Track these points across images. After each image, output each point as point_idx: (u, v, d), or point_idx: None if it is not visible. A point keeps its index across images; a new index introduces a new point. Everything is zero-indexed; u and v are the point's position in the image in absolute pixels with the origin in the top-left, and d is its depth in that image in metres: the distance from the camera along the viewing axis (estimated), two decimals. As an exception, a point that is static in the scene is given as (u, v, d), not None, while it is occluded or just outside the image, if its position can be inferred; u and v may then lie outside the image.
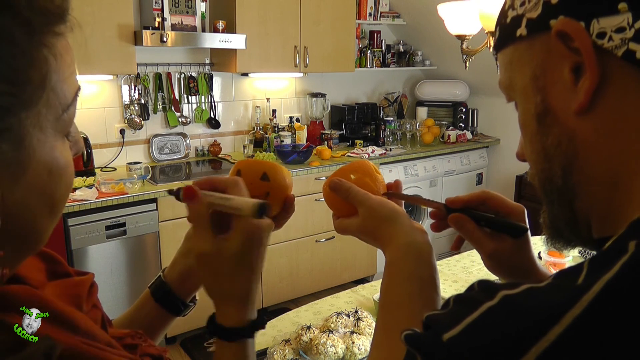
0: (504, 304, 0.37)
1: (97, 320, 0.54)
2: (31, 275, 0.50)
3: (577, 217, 0.46)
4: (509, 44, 0.48)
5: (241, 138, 3.85)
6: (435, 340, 0.38)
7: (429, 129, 4.25)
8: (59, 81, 0.40)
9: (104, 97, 3.31)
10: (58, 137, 0.42)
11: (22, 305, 0.42)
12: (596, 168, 0.42)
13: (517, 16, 0.46)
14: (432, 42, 4.36)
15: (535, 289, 0.37)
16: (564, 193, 0.45)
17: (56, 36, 0.40)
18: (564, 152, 0.44)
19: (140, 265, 2.94)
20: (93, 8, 2.83)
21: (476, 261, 2.06)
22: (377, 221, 0.66)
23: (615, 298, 0.33)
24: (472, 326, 0.37)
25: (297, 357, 1.35)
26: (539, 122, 0.45)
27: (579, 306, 0.33)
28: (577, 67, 0.41)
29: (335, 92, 4.32)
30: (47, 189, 0.41)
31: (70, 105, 0.42)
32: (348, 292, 1.82)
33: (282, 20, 3.53)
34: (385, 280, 0.63)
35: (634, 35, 0.38)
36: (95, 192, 2.75)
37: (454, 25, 2.12)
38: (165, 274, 0.74)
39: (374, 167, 0.75)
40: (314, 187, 3.50)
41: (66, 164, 0.43)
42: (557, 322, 0.33)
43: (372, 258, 3.94)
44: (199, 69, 3.60)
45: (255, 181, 0.71)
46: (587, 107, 0.41)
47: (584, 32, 0.40)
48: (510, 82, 0.49)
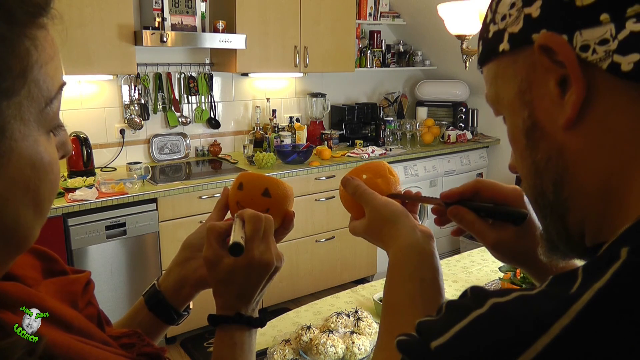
0: (492, 312, 0.36)
1: (92, 318, 0.54)
2: (26, 273, 0.49)
3: (570, 230, 0.45)
4: (492, 58, 0.47)
5: (241, 138, 3.85)
6: (423, 347, 0.38)
7: (429, 129, 4.25)
8: (41, 74, 0.40)
9: (104, 97, 3.31)
10: (42, 131, 0.41)
11: (13, 302, 0.42)
12: (587, 181, 0.42)
13: (498, 31, 0.46)
14: (432, 42, 4.36)
15: (525, 297, 0.36)
16: (556, 208, 0.45)
17: (39, 28, 0.40)
18: (554, 167, 0.43)
19: (140, 265, 2.94)
20: (93, 8, 2.83)
21: (476, 261, 2.06)
22: (380, 222, 0.67)
23: (605, 309, 0.33)
24: (460, 334, 0.37)
25: (297, 357, 1.35)
26: (528, 137, 0.45)
27: (567, 316, 0.33)
28: (563, 80, 0.41)
29: (335, 92, 4.32)
30: (31, 184, 0.40)
31: (54, 98, 0.41)
32: (348, 292, 1.82)
33: (282, 20, 3.53)
34: (388, 282, 0.64)
35: (618, 47, 0.37)
36: (95, 192, 2.75)
37: (454, 25, 2.12)
38: (159, 283, 0.74)
39: (388, 167, 0.75)
40: (314, 187, 3.50)
41: (51, 160, 0.42)
42: (545, 332, 0.33)
43: (372, 258, 3.94)
44: (199, 69, 3.60)
45: (256, 196, 0.72)
46: (575, 121, 0.40)
47: (567, 45, 0.39)
48: (496, 97, 0.48)
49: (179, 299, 0.73)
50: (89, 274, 0.58)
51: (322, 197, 3.56)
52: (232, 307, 0.67)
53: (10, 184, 0.39)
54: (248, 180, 0.74)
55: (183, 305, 0.74)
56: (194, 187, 3.00)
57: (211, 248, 0.65)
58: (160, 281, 0.74)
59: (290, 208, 0.75)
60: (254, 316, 0.68)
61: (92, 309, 0.55)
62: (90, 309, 0.54)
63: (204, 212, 3.03)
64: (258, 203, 0.72)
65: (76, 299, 0.52)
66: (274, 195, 0.73)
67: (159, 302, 0.73)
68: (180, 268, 0.73)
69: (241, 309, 0.67)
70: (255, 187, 0.73)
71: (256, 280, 0.66)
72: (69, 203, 2.64)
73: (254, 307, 0.69)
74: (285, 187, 0.75)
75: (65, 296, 0.50)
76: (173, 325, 0.75)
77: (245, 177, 0.75)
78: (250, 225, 0.65)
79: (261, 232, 0.65)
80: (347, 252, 3.78)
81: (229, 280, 0.65)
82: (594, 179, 0.41)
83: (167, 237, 2.97)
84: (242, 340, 0.67)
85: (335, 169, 3.57)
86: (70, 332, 0.45)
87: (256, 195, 0.72)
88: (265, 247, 0.65)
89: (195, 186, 3.00)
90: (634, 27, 0.36)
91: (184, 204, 3.00)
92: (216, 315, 0.67)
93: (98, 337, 0.48)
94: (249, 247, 0.64)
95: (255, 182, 0.74)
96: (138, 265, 2.93)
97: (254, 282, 0.66)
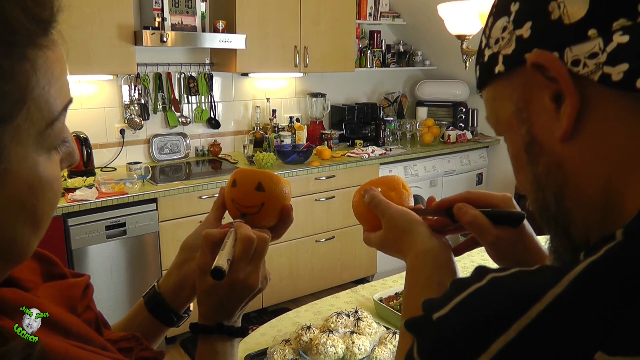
0: (491, 285, 0.39)
1: (91, 322, 0.53)
2: (25, 276, 0.49)
3: (575, 241, 0.46)
4: (489, 81, 0.49)
5: (241, 138, 3.85)
6: (426, 320, 0.41)
7: (429, 129, 4.25)
8: (42, 95, 0.38)
9: (104, 97, 3.31)
10: (41, 152, 0.40)
11: (11, 309, 0.42)
12: (586, 192, 0.43)
13: (493, 54, 0.47)
14: (432, 42, 4.36)
15: (523, 272, 0.39)
16: (559, 220, 0.46)
17: (40, 49, 0.38)
18: (554, 179, 0.45)
19: (140, 265, 2.94)
20: (93, 8, 2.84)
21: (476, 261, 2.06)
22: (396, 232, 0.68)
23: (596, 277, 0.34)
24: (460, 305, 0.39)
25: (297, 357, 1.35)
26: (528, 153, 0.47)
27: (560, 285, 0.35)
28: (558, 95, 0.42)
29: (335, 92, 4.32)
30: (28, 203, 0.40)
31: (56, 120, 0.40)
32: (348, 292, 1.82)
33: (282, 20, 3.53)
34: (406, 287, 0.65)
35: (607, 59, 0.38)
36: (95, 192, 2.75)
37: (454, 25, 2.12)
38: (159, 285, 0.74)
39: (402, 182, 0.75)
40: (314, 187, 3.50)
41: (50, 179, 0.41)
42: (538, 300, 0.35)
43: (372, 258, 3.94)
44: (199, 69, 3.60)
45: (250, 192, 0.71)
46: (571, 133, 0.42)
47: (558, 61, 0.41)
48: (496, 118, 0.50)
49: (178, 301, 0.73)
50: (88, 278, 0.57)
51: (322, 197, 3.56)
52: (213, 319, 0.67)
53: (7, 204, 0.38)
54: (241, 176, 0.73)
55: (183, 308, 0.74)
56: (194, 187, 3.00)
57: (203, 256, 0.65)
58: (160, 283, 0.74)
59: (287, 202, 0.73)
60: (235, 326, 0.68)
61: (90, 313, 0.54)
62: (88, 314, 0.54)
63: (204, 212, 3.02)
64: (252, 198, 0.70)
65: (75, 303, 0.51)
66: (268, 189, 0.71)
67: (159, 305, 0.72)
68: (179, 270, 0.73)
69: (223, 321, 0.67)
70: (248, 182, 0.71)
71: (239, 299, 0.66)
72: (69, 203, 2.64)
73: (236, 319, 0.69)
74: (280, 180, 0.73)
75: (64, 300, 0.50)
76: (173, 327, 0.75)
77: (238, 173, 0.74)
78: (240, 246, 0.64)
79: (250, 254, 0.64)
80: (347, 252, 3.78)
81: (212, 293, 0.65)
82: (593, 188, 0.43)
83: (167, 237, 2.97)
84: (224, 350, 0.67)
85: (335, 169, 3.57)
86: (69, 338, 0.45)
87: (250, 191, 0.71)
88: (252, 269, 0.65)
89: (195, 186, 3.00)
90: (621, 39, 0.38)
91: (184, 204, 3.00)
92: (197, 324, 0.67)
93: (97, 342, 0.47)
94: (235, 268, 0.63)
95: (248, 177, 0.72)
96: (138, 265, 2.93)
97: (237, 300, 0.66)
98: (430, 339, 0.40)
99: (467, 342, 0.37)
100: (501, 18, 0.46)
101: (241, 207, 0.72)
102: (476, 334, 0.37)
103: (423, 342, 0.41)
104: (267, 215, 0.72)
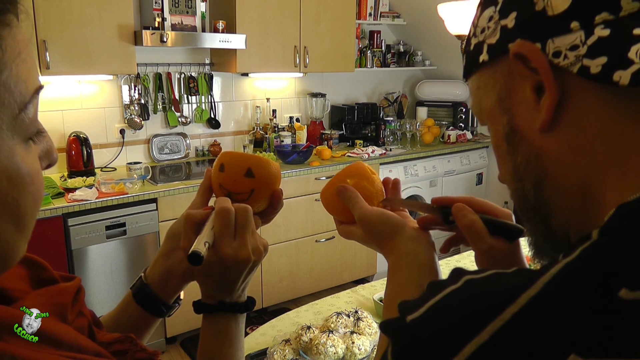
0: (466, 286, 0.39)
1: (83, 329, 0.51)
2: (12, 285, 0.47)
3: (555, 233, 0.47)
4: (474, 70, 0.50)
5: (241, 138, 3.85)
6: (400, 322, 0.40)
7: (429, 129, 4.25)
8: (11, 77, 0.37)
9: (104, 97, 3.31)
10: (18, 140, 0.38)
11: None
12: (565, 183, 0.43)
13: (478, 43, 0.48)
14: (432, 42, 4.36)
15: (499, 274, 0.38)
16: (539, 210, 0.47)
17: (5, 27, 0.36)
18: (533, 169, 0.45)
19: (140, 265, 2.94)
20: (93, 8, 2.83)
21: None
22: (377, 236, 0.67)
23: (570, 279, 0.34)
24: (433, 308, 0.39)
25: (297, 357, 1.35)
26: (508, 142, 0.47)
27: (535, 287, 0.34)
28: (539, 86, 0.42)
29: (335, 92, 4.32)
30: (9, 198, 0.37)
31: (29, 103, 0.38)
32: (348, 292, 1.82)
33: (282, 20, 3.53)
34: (387, 288, 0.64)
35: (587, 52, 0.39)
36: (95, 192, 2.75)
37: (454, 25, 2.13)
38: (146, 275, 0.72)
39: (368, 168, 0.73)
40: (314, 187, 3.50)
41: (30, 172, 0.39)
42: (512, 302, 0.34)
43: (372, 258, 3.94)
44: (199, 69, 3.60)
45: (239, 178, 0.68)
46: (550, 124, 0.42)
47: (540, 52, 0.41)
48: (479, 106, 0.51)
49: (166, 291, 0.71)
50: (79, 281, 0.55)
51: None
52: (214, 297, 0.66)
53: None
54: (229, 161, 0.69)
55: (172, 298, 0.72)
56: (194, 187, 3.00)
57: (187, 239, 0.63)
58: (147, 273, 0.71)
59: (277, 187, 0.71)
60: (239, 301, 0.67)
61: (82, 319, 0.53)
62: (80, 320, 0.52)
63: (204, 212, 3.02)
64: (241, 184, 0.68)
65: (65, 311, 0.49)
66: (258, 175, 0.68)
67: (147, 296, 0.70)
68: (165, 259, 0.71)
69: (224, 298, 0.66)
70: (237, 167, 0.68)
71: (235, 275, 0.64)
72: (69, 203, 2.64)
73: (239, 293, 0.67)
74: (271, 165, 0.70)
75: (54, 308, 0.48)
76: (163, 317, 0.73)
77: (226, 156, 0.70)
78: (217, 221, 0.62)
79: (232, 227, 0.62)
80: (347, 252, 3.78)
81: (207, 272, 0.64)
82: (572, 179, 0.43)
83: (167, 237, 2.96)
84: (226, 327, 0.66)
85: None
86: (60, 349, 0.43)
87: (239, 177, 0.68)
88: (239, 243, 0.63)
89: (195, 186, 3.00)
90: (602, 32, 0.39)
91: (184, 204, 2.99)
92: (200, 302, 0.67)
93: (90, 349, 0.46)
94: (220, 244, 0.62)
95: (237, 162, 0.69)
96: (138, 265, 2.93)
97: (233, 276, 0.64)
98: (402, 341, 0.40)
99: (440, 344, 0.37)
100: (489, 8, 0.47)
101: (230, 193, 0.69)
102: (450, 336, 0.36)
103: (396, 344, 0.40)
104: (256, 200, 0.70)
